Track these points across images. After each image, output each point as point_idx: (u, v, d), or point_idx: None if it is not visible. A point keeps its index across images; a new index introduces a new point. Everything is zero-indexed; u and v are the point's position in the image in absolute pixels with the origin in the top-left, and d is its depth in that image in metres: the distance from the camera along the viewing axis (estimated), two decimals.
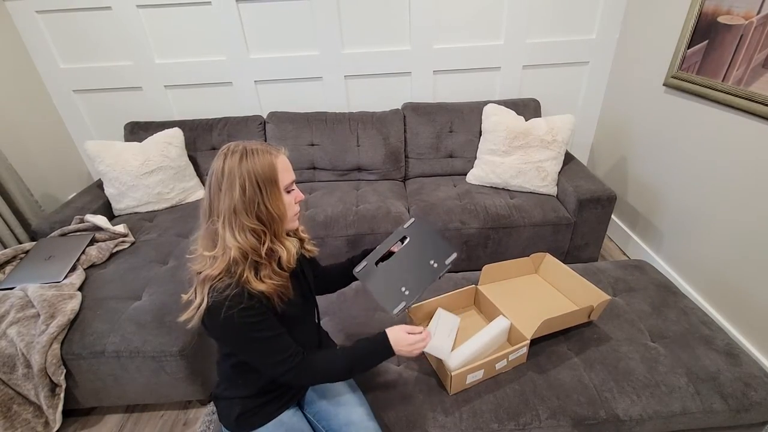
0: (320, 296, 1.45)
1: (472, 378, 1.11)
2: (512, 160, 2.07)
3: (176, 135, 2.16)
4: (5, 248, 1.84)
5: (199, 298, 0.84)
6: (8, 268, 1.62)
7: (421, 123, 2.29)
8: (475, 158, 2.24)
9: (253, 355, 0.88)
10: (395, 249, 1.10)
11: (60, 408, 1.37)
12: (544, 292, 1.44)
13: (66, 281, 1.52)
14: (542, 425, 1.06)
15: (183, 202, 2.15)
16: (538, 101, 2.35)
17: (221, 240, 0.83)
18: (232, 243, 0.81)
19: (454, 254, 0.97)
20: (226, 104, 2.39)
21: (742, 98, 1.53)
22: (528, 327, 1.17)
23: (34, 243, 1.73)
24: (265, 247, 0.84)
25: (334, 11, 2.16)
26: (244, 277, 0.83)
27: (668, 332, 1.28)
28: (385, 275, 1.07)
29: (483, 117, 2.20)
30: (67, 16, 2.12)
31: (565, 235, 1.97)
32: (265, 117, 2.33)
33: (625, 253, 2.34)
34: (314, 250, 1.07)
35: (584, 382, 1.14)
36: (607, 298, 1.25)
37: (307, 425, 1.03)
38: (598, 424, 1.07)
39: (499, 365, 1.14)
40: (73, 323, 1.39)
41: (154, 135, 2.13)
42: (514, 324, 1.21)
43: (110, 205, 2.08)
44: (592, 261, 2.06)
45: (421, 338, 0.97)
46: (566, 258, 2.05)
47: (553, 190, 2.07)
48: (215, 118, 2.32)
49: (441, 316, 1.25)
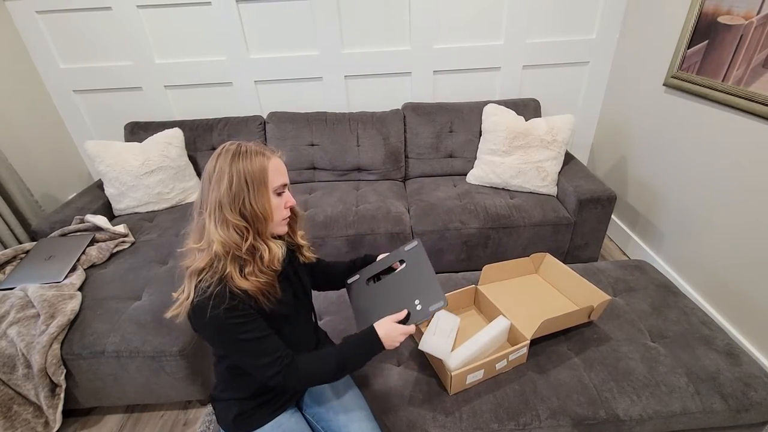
0: (320, 296, 1.45)
1: (472, 378, 1.11)
2: (512, 160, 2.07)
3: (176, 135, 2.16)
4: (5, 248, 1.84)
5: (186, 293, 0.84)
6: (8, 268, 1.62)
7: (421, 123, 2.29)
8: (475, 158, 2.24)
9: (240, 356, 0.87)
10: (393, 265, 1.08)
11: (60, 408, 1.37)
12: (544, 292, 1.44)
13: (66, 281, 1.52)
14: (542, 425, 1.06)
15: (183, 202, 2.15)
16: (538, 101, 2.34)
17: (207, 232, 0.83)
18: (215, 236, 0.82)
19: (442, 303, 0.90)
20: (226, 104, 2.39)
21: (742, 98, 1.53)
22: (528, 327, 1.17)
23: (35, 243, 1.73)
24: (247, 244, 0.84)
25: (334, 11, 2.16)
26: (227, 272, 0.83)
27: (668, 332, 1.28)
28: (369, 299, 1.06)
29: (483, 117, 2.20)
30: (67, 16, 2.12)
31: (565, 235, 1.97)
32: (265, 117, 2.33)
33: (625, 253, 2.34)
34: (311, 257, 1.07)
35: (584, 382, 1.14)
36: (607, 298, 1.25)
37: (305, 426, 1.02)
38: (598, 424, 1.07)
39: (499, 365, 1.14)
40: (73, 323, 1.39)
41: (154, 135, 2.13)
42: (514, 324, 1.21)
43: (110, 205, 2.08)
44: (592, 261, 2.06)
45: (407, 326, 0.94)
46: (566, 258, 2.05)
47: (553, 190, 2.07)
48: (215, 118, 2.32)
49: (441, 316, 1.24)
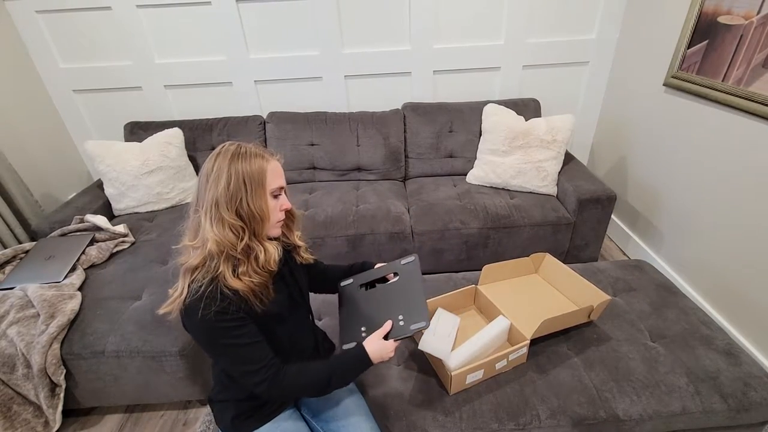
0: (318, 296, 1.45)
1: (472, 378, 1.11)
2: (512, 160, 2.07)
3: (176, 135, 2.16)
4: (5, 248, 1.84)
5: (180, 290, 0.84)
6: (8, 268, 1.62)
7: (421, 123, 2.29)
8: (475, 158, 2.24)
9: (226, 360, 0.87)
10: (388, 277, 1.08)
11: (60, 408, 1.37)
12: (544, 292, 1.44)
13: (66, 281, 1.52)
14: (542, 425, 1.06)
15: (183, 202, 2.15)
16: (538, 101, 2.34)
17: (202, 230, 0.83)
18: (210, 235, 0.82)
19: (424, 324, 0.91)
20: (226, 104, 2.39)
21: (742, 98, 1.53)
22: (528, 327, 1.17)
23: (34, 243, 1.74)
24: (242, 244, 0.84)
25: (334, 11, 2.16)
26: (219, 271, 0.82)
27: (668, 332, 1.28)
28: (357, 304, 1.06)
29: (483, 117, 2.20)
30: (66, 15, 2.12)
31: (565, 235, 1.97)
32: (265, 117, 2.33)
33: (625, 253, 2.34)
34: (309, 258, 1.07)
35: (584, 382, 1.14)
36: (607, 298, 1.25)
37: (304, 427, 1.02)
38: (598, 424, 1.07)
39: (499, 365, 1.14)
40: (73, 323, 1.39)
41: (154, 135, 2.13)
42: (514, 324, 1.21)
43: (110, 205, 2.08)
44: (592, 261, 2.06)
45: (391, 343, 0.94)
46: (566, 258, 2.05)
47: (553, 190, 2.07)
48: (215, 118, 2.32)
49: (441, 315, 1.25)
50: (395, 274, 1.05)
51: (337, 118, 2.30)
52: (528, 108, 2.30)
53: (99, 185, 2.14)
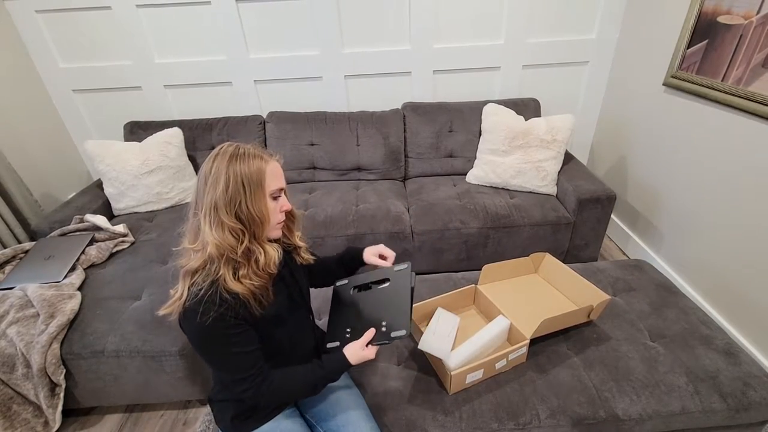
0: (319, 296, 1.45)
1: (471, 378, 1.11)
2: (512, 160, 2.07)
3: (176, 135, 2.16)
4: (5, 248, 1.84)
5: (179, 293, 0.84)
6: (8, 268, 1.62)
7: (421, 122, 2.29)
8: (475, 158, 2.24)
9: (216, 365, 0.88)
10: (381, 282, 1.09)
11: (59, 408, 1.37)
12: (543, 292, 1.44)
13: (66, 281, 1.52)
14: (542, 425, 1.06)
15: (182, 202, 2.14)
16: (538, 101, 2.34)
17: (201, 234, 0.83)
18: (210, 238, 0.81)
19: (403, 332, 0.92)
20: (226, 104, 2.39)
21: (742, 98, 1.53)
22: (528, 327, 1.17)
23: (34, 243, 1.73)
24: (243, 247, 0.83)
25: (334, 11, 2.16)
26: (220, 274, 0.82)
27: (668, 332, 1.28)
28: (347, 307, 1.08)
29: (483, 117, 2.20)
30: (66, 15, 2.12)
31: (565, 234, 1.97)
32: (264, 117, 2.33)
33: (624, 253, 2.34)
34: (309, 259, 1.06)
35: (584, 381, 1.14)
36: (607, 297, 1.25)
37: (303, 427, 1.02)
38: (598, 424, 1.07)
39: (498, 365, 1.14)
40: (72, 323, 1.39)
41: (154, 135, 2.13)
42: (513, 324, 1.21)
43: (110, 204, 2.08)
44: (591, 261, 2.05)
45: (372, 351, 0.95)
46: (566, 258, 2.05)
47: (552, 189, 2.07)
48: (215, 118, 2.32)
49: (441, 315, 1.25)
50: (387, 279, 1.06)
51: (337, 118, 2.30)
52: (528, 108, 2.30)
53: (99, 185, 2.14)
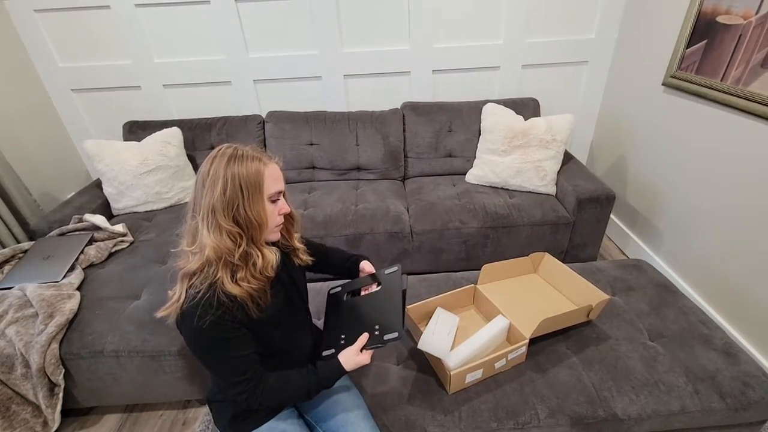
0: (318, 295, 1.45)
1: (471, 377, 1.11)
2: (511, 160, 2.07)
3: (175, 134, 2.15)
4: (3, 248, 1.83)
5: (177, 295, 0.83)
6: (7, 268, 1.62)
7: (420, 122, 2.29)
8: (475, 158, 2.24)
9: (211, 368, 0.88)
10: (373, 288, 1.09)
11: (59, 408, 1.36)
12: (543, 292, 1.45)
13: (65, 281, 1.52)
14: (541, 424, 1.06)
15: (182, 202, 2.14)
16: (537, 100, 2.35)
17: (199, 236, 0.83)
18: (208, 241, 0.81)
19: (396, 334, 0.92)
20: (225, 103, 2.39)
21: (741, 98, 1.53)
22: (527, 326, 1.17)
23: (33, 242, 1.73)
24: (240, 251, 0.83)
25: (334, 10, 2.16)
26: (218, 277, 0.82)
27: (667, 331, 1.28)
28: (340, 314, 1.08)
29: (482, 116, 2.20)
30: (65, 15, 2.11)
31: (564, 234, 1.97)
32: (264, 116, 2.33)
33: (624, 253, 2.35)
34: (308, 260, 1.06)
35: (583, 381, 1.14)
36: (606, 297, 1.25)
37: (303, 427, 1.02)
38: (597, 423, 1.07)
39: (498, 365, 1.14)
40: (71, 323, 1.39)
41: (153, 134, 2.13)
42: (513, 323, 1.21)
43: (109, 204, 2.08)
44: (591, 260, 2.06)
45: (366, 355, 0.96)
46: (565, 257, 2.05)
47: (552, 189, 2.07)
48: (214, 118, 2.32)
49: (440, 315, 1.25)
50: (379, 283, 1.06)
51: (336, 118, 2.29)
52: (527, 107, 2.30)
53: (98, 185, 2.13)
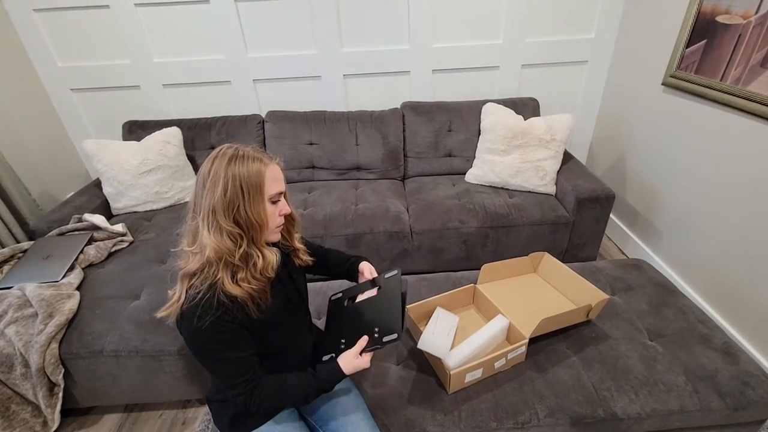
0: (318, 296, 1.45)
1: (470, 377, 1.11)
2: (511, 159, 2.07)
3: (174, 134, 2.15)
4: (3, 247, 1.83)
5: (177, 295, 0.83)
6: (6, 268, 1.62)
7: (420, 122, 2.29)
8: (474, 157, 2.24)
9: (210, 368, 0.88)
10: (373, 292, 1.09)
11: (58, 407, 1.36)
12: (542, 291, 1.45)
13: (64, 281, 1.52)
14: (541, 424, 1.06)
15: (181, 202, 2.14)
16: (537, 100, 2.35)
17: (199, 237, 0.82)
18: (208, 241, 0.81)
19: (395, 336, 0.92)
20: (225, 103, 2.39)
21: (741, 98, 1.53)
22: (527, 326, 1.17)
23: (32, 242, 1.73)
24: (241, 251, 0.83)
25: (333, 10, 2.15)
26: (218, 278, 0.82)
27: (666, 331, 1.29)
28: (341, 319, 1.08)
29: (482, 116, 2.20)
30: (64, 14, 2.11)
31: (564, 234, 1.98)
32: (263, 116, 2.33)
33: (623, 252, 2.35)
34: (308, 260, 1.06)
35: (583, 380, 1.14)
36: (606, 297, 1.25)
37: (303, 427, 1.02)
38: (597, 423, 1.07)
39: (497, 364, 1.14)
40: (71, 323, 1.39)
41: (153, 134, 2.13)
42: (512, 323, 1.21)
43: (108, 204, 2.08)
44: (590, 260, 2.06)
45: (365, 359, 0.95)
46: (565, 257, 2.05)
47: (551, 189, 2.07)
48: (214, 117, 2.32)
49: (440, 315, 1.25)
50: (378, 288, 1.06)
51: (335, 117, 2.29)
52: (527, 107, 2.30)
53: (97, 184, 2.13)
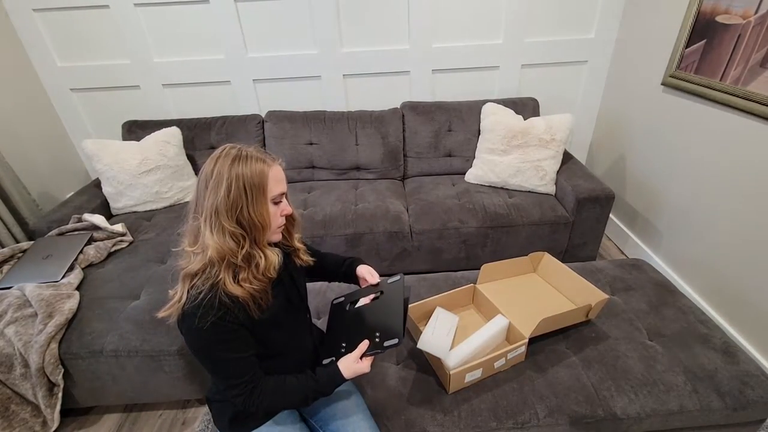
0: (318, 296, 1.45)
1: (470, 377, 1.11)
2: (511, 159, 2.07)
3: (174, 134, 2.15)
4: (2, 247, 1.83)
5: (179, 295, 0.83)
6: (6, 268, 1.62)
7: (419, 122, 2.29)
8: (474, 157, 2.24)
9: (209, 369, 0.88)
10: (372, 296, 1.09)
11: (58, 407, 1.36)
12: (542, 291, 1.45)
13: (64, 281, 1.52)
14: (540, 424, 1.06)
15: (181, 202, 2.14)
16: (536, 100, 2.35)
17: (201, 237, 0.82)
18: (210, 242, 0.81)
19: (396, 341, 0.92)
20: (225, 103, 2.39)
21: (740, 98, 1.53)
22: (526, 326, 1.17)
23: (32, 242, 1.73)
24: (243, 252, 0.83)
25: (333, 10, 2.15)
26: (220, 278, 0.82)
27: (666, 331, 1.29)
28: (342, 323, 1.08)
29: (482, 116, 2.20)
30: (64, 14, 2.11)
31: (564, 234, 1.98)
32: (263, 116, 2.33)
33: (623, 252, 2.35)
34: (309, 260, 1.06)
35: (582, 380, 1.14)
36: (605, 297, 1.25)
37: (303, 427, 1.02)
38: (596, 423, 1.07)
39: (497, 364, 1.14)
40: (71, 323, 1.38)
41: (152, 134, 2.13)
42: (512, 323, 1.21)
43: (108, 204, 2.07)
44: (590, 260, 2.06)
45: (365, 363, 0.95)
46: (564, 257, 2.05)
47: (551, 189, 2.07)
48: (213, 117, 2.32)
49: (439, 314, 1.25)
50: (381, 292, 1.06)
51: (335, 117, 2.29)
52: (527, 107, 2.30)
53: (97, 184, 2.13)
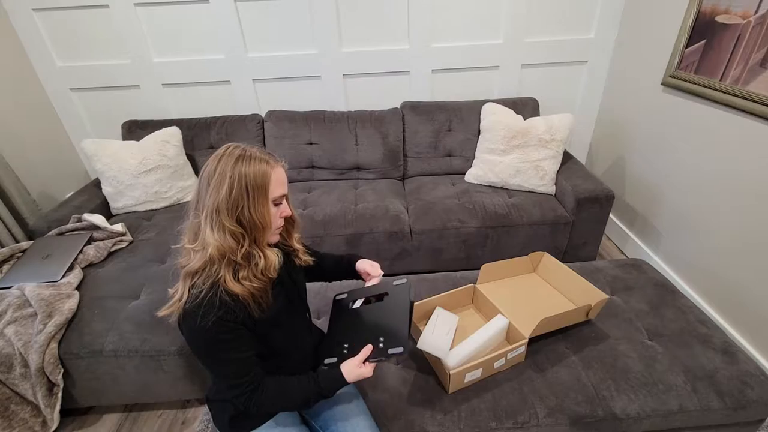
0: (318, 296, 1.45)
1: (470, 377, 1.11)
2: (511, 159, 2.07)
3: (174, 134, 2.15)
4: (2, 247, 1.83)
5: (180, 294, 0.83)
6: (5, 267, 1.62)
7: (419, 122, 2.29)
8: (474, 157, 2.24)
9: (210, 368, 0.88)
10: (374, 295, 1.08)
11: (57, 407, 1.36)
12: (542, 291, 1.45)
13: (63, 280, 1.52)
14: (540, 423, 1.06)
15: (181, 201, 2.14)
16: (536, 100, 2.35)
17: (202, 234, 0.82)
18: (211, 240, 0.81)
19: (401, 349, 0.91)
20: (225, 103, 2.39)
21: (740, 97, 1.53)
22: (526, 326, 1.17)
23: (32, 242, 1.73)
24: (243, 251, 0.83)
25: (333, 10, 2.15)
26: (220, 276, 0.82)
27: (666, 331, 1.29)
28: (345, 322, 1.07)
29: (482, 116, 2.20)
30: (64, 14, 2.11)
31: (564, 234, 1.98)
32: (263, 116, 2.33)
33: (623, 252, 2.35)
34: (308, 260, 1.06)
35: (582, 380, 1.14)
36: (605, 297, 1.25)
37: (303, 428, 1.02)
38: (596, 423, 1.07)
39: (497, 364, 1.14)
40: (70, 322, 1.38)
41: (152, 134, 2.13)
42: (512, 323, 1.21)
43: (108, 204, 2.07)
44: (590, 260, 2.06)
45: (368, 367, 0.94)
46: (564, 257, 2.05)
47: (551, 189, 2.07)
48: (213, 117, 2.32)
49: (439, 314, 1.25)
50: (386, 293, 1.06)
51: (335, 117, 2.29)
52: (526, 107, 2.30)
53: (96, 184, 2.13)
